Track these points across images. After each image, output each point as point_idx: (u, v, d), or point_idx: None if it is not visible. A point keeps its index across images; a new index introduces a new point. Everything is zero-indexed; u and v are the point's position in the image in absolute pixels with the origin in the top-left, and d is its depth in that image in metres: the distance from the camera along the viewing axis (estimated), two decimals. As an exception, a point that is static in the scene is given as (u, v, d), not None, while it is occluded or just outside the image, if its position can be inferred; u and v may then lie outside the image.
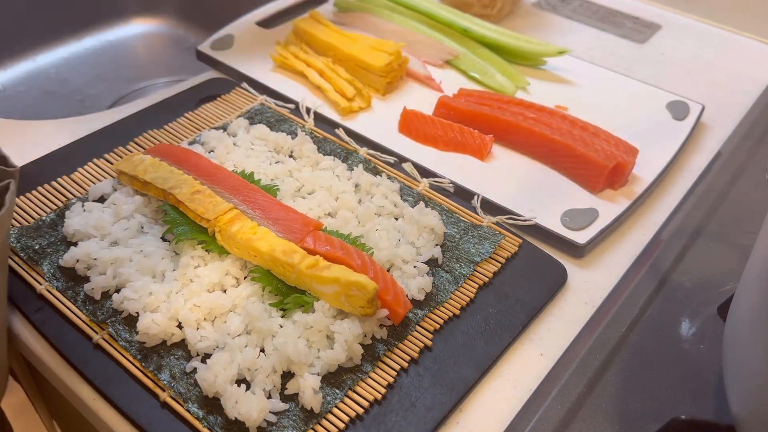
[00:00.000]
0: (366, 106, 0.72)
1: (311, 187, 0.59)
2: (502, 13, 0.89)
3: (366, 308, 0.47)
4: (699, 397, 0.48)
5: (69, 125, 0.67)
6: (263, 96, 0.71)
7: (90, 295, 0.50)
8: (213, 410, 0.44)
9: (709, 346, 0.51)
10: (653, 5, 0.96)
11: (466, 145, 0.66)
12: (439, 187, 0.62)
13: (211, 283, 0.49)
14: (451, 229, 0.57)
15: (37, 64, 1.00)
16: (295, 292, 0.49)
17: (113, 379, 0.46)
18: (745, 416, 0.41)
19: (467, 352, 0.49)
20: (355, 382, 0.46)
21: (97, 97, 0.98)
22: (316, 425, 0.44)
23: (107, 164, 0.61)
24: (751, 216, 0.63)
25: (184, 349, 0.47)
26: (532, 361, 0.50)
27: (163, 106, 0.70)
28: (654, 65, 0.84)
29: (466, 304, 0.52)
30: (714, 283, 0.56)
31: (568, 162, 0.64)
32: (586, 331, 0.52)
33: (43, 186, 0.58)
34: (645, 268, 0.57)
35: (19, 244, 0.53)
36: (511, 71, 0.77)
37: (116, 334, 0.47)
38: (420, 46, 0.80)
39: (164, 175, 0.54)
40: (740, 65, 0.84)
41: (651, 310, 0.54)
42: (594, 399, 0.47)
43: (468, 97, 0.72)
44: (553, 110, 0.70)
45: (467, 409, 0.47)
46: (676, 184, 0.67)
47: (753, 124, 0.74)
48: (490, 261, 0.55)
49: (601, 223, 0.59)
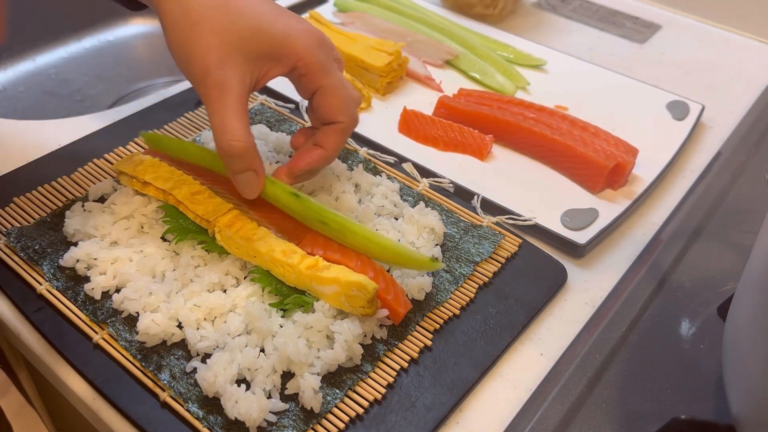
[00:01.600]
0: (366, 106, 0.72)
1: (311, 187, 0.59)
2: (504, 12, 0.89)
3: (366, 308, 0.47)
4: (699, 397, 0.48)
5: (69, 125, 0.67)
6: (263, 96, 0.71)
7: (90, 295, 0.50)
8: (213, 410, 0.44)
9: (709, 346, 0.51)
10: (653, 5, 0.96)
11: (466, 145, 0.66)
12: (439, 187, 0.62)
13: (211, 283, 0.49)
14: (451, 229, 0.57)
15: (37, 64, 1.00)
16: (295, 293, 0.49)
17: (113, 379, 0.46)
18: (745, 416, 0.41)
19: (467, 352, 0.49)
20: (355, 382, 0.46)
21: (97, 97, 0.98)
22: (316, 425, 0.44)
23: (107, 164, 0.61)
24: (751, 216, 0.63)
25: (184, 349, 0.47)
26: (532, 361, 0.50)
27: (163, 106, 0.70)
28: (654, 65, 0.84)
29: (466, 304, 0.52)
30: (714, 283, 0.56)
31: (568, 162, 0.64)
32: (586, 331, 0.52)
33: (43, 186, 0.58)
34: (645, 268, 0.57)
35: (19, 244, 0.53)
36: (511, 71, 0.77)
37: (116, 334, 0.47)
38: (420, 46, 0.80)
39: (164, 175, 0.54)
40: (740, 65, 0.84)
41: (651, 310, 0.54)
42: (594, 399, 0.47)
43: (468, 97, 0.72)
44: (553, 110, 0.70)
45: (467, 409, 0.47)
46: (676, 184, 0.67)
47: (753, 124, 0.74)
48: (490, 261, 0.55)
49: (601, 223, 0.59)
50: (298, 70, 0.50)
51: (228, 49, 0.46)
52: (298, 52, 0.49)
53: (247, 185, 0.50)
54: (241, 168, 0.48)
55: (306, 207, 0.50)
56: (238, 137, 0.46)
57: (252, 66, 0.48)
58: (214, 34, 0.46)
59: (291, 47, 0.49)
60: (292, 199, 0.50)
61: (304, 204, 0.50)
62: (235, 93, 0.47)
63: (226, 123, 0.46)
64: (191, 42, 0.46)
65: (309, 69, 0.49)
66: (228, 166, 0.49)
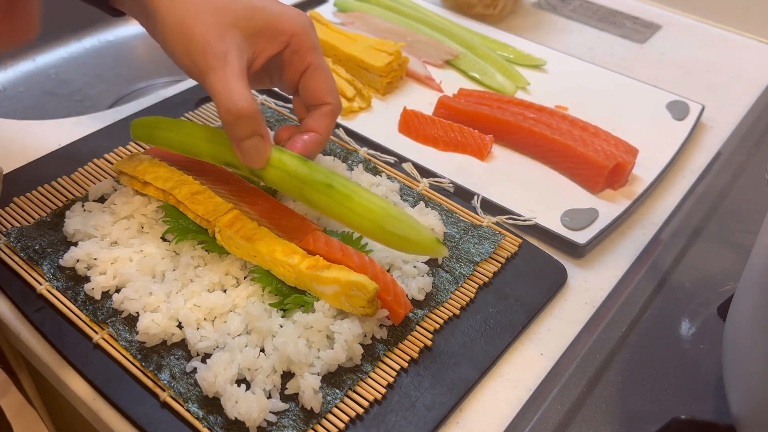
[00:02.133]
0: (366, 106, 0.72)
1: (311, 187, 0.59)
2: (504, 12, 0.89)
3: (366, 308, 0.47)
4: (699, 397, 0.48)
5: (69, 125, 0.67)
6: (263, 96, 0.71)
7: (90, 295, 0.50)
8: (213, 410, 0.44)
9: (709, 346, 0.51)
10: (653, 5, 0.96)
11: (466, 145, 0.66)
12: (439, 187, 0.62)
13: (211, 283, 0.49)
14: (451, 229, 0.57)
15: (37, 64, 1.00)
16: (295, 292, 0.49)
17: (113, 379, 0.46)
18: (745, 416, 0.41)
19: (467, 352, 0.49)
20: (355, 382, 0.46)
21: (97, 97, 0.98)
22: (316, 425, 0.44)
23: (107, 164, 0.61)
24: (751, 216, 0.63)
25: (184, 349, 0.47)
26: (532, 361, 0.50)
27: (163, 106, 0.70)
28: (654, 65, 0.84)
29: (466, 304, 0.52)
30: (714, 283, 0.56)
31: (568, 162, 0.64)
32: (586, 331, 0.52)
33: (43, 186, 0.58)
34: (645, 268, 0.57)
35: (19, 244, 0.53)
36: (511, 71, 0.77)
37: (116, 334, 0.47)
38: (420, 46, 0.80)
39: (164, 175, 0.54)
40: (740, 65, 0.84)
41: (651, 310, 0.54)
42: (594, 399, 0.47)
43: (468, 97, 0.72)
44: (553, 110, 0.70)
45: (467, 409, 0.47)
46: (676, 184, 0.67)
47: (753, 124, 0.74)
48: (490, 261, 0.55)
49: (601, 223, 0.59)
50: (291, 46, 0.50)
51: (225, 26, 0.47)
52: (292, 29, 0.50)
53: (255, 151, 0.48)
54: (249, 132, 0.47)
55: (314, 170, 0.49)
56: (244, 98, 0.46)
57: (248, 42, 0.49)
58: (210, 13, 0.47)
59: (285, 24, 0.50)
60: (300, 162, 0.49)
61: (312, 167, 0.49)
62: (237, 62, 0.47)
63: (231, 88, 0.46)
64: (189, 22, 0.47)
65: (302, 46, 0.50)
66: (234, 133, 0.48)
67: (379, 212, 0.48)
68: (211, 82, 0.47)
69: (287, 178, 0.49)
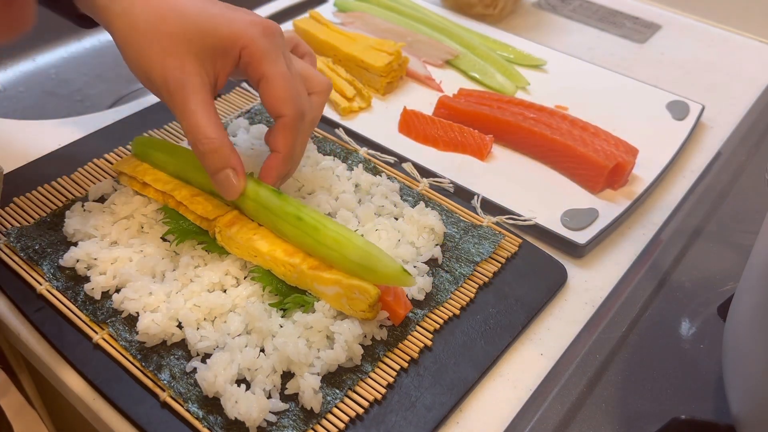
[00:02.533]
0: (366, 106, 0.72)
1: (311, 187, 0.59)
2: (504, 12, 0.89)
3: (366, 312, 0.47)
4: (699, 397, 0.48)
5: (69, 125, 0.67)
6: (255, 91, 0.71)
7: (90, 295, 0.50)
8: (213, 410, 0.44)
9: (709, 346, 0.51)
10: (653, 5, 0.96)
11: (466, 145, 0.66)
12: (439, 187, 0.62)
13: (211, 283, 0.49)
14: (451, 229, 0.57)
15: (37, 64, 1.00)
16: (296, 292, 0.49)
17: (113, 379, 0.46)
18: (745, 416, 0.41)
19: (467, 352, 0.49)
20: (355, 382, 0.46)
21: (97, 97, 0.98)
22: (316, 425, 0.44)
23: (107, 164, 0.61)
24: (751, 216, 0.63)
25: (184, 349, 0.47)
26: (532, 361, 0.50)
27: (163, 106, 0.69)
28: (654, 65, 0.84)
29: (466, 304, 0.52)
30: (714, 283, 0.56)
31: (568, 162, 0.64)
32: (586, 331, 0.52)
33: (43, 186, 0.58)
34: (645, 268, 0.57)
35: (19, 244, 0.53)
36: (511, 71, 0.77)
37: (116, 334, 0.47)
38: (420, 46, 0.80)
39: (164, 177, 0.54)
40: (740, 65, 0.84)
41: (651, 310, 0.54)
42: (594, 399, 0.47)
43: (468, 97, 0.72)
44: (553, 110, 0.70)
45: (467, 409, 0.47)
46: (676, 184, 0.67)
47: (753, 124, 0.74)
48: (490, 261, 0.55)
49: (601, 223, 0.59)
50: (243, 59, 0.49)
51: (179, 52, 0.47)
52: (241, 42, 0.48)
53: (225, 184, 0.48)
54: (218, 166, 0.48)
55: (285, 202, 0.49)
56: (209, 134, 0.46)
57: (205, 65, 0.48)
58: (163, 40, 0.47)
59: (233, 38, 0.48)
60: (272, 194, 0.49)
61: (283, 199, 0.49)
62: (200, 93, 0.47)
63: (196, 122, 0.46)
64: (145, 53, 0.47)
65: (253, 57, 0.48)
66: (205, 166, 0.48)
67: (345, 243, 0.47)
68: (176, 115, 0.47)
69: (261, 209, 0.50)
